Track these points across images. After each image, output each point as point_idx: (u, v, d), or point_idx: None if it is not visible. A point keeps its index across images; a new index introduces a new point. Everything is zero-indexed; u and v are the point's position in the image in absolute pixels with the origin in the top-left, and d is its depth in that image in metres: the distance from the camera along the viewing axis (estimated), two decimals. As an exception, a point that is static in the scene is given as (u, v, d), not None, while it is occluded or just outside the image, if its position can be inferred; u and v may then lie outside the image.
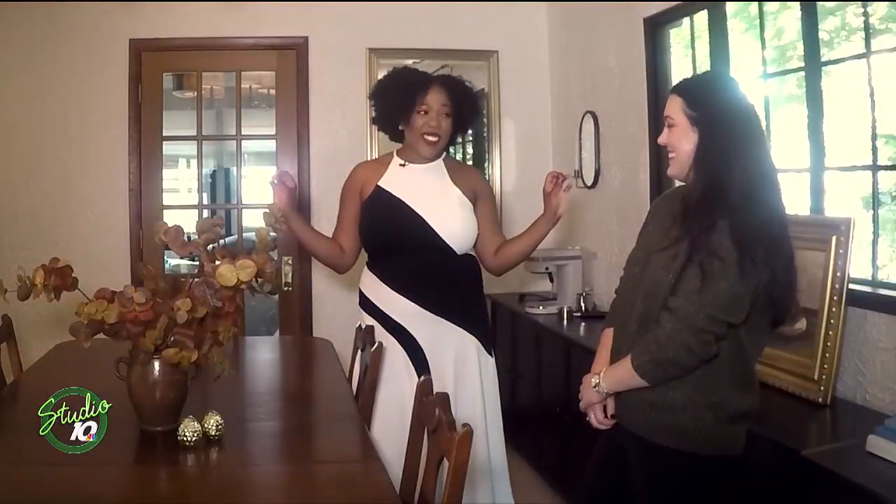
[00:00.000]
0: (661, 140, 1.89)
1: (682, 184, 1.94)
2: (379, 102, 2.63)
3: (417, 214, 2.53)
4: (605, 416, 1.93)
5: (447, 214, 2.55)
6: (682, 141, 1.82)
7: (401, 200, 2.55)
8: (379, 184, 2.59)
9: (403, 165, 2.61)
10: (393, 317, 2.55)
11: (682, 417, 1.76)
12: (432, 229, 2.52)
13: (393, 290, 2.54)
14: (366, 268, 2.66)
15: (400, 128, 2.62)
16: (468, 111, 2.62)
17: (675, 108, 1.83)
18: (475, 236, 2.61)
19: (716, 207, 1.71)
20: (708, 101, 1.80)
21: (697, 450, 1.76)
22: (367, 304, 2.62)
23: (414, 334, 2.53)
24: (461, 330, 2.56)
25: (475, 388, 2.57)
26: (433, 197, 2.56)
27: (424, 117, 2.54)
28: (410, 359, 2.52)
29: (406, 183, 2.58)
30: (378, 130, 2.75)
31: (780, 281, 1.76)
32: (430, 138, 2.55)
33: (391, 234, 2.56)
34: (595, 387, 1.90)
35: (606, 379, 1.88)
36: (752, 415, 1.82)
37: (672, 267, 1.76)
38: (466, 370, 2.56)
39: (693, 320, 1.69)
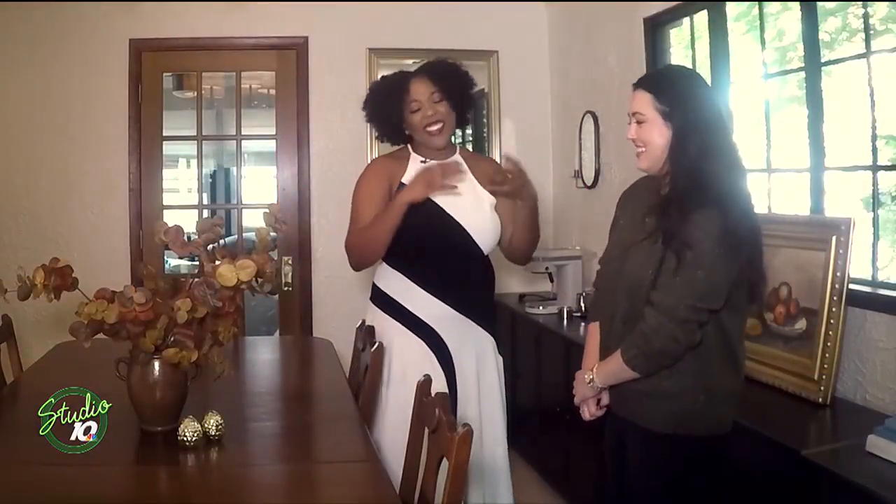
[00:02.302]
0: (630, 135, 1.91)
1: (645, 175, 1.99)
2: (374, 119, 2.59)
3: (452, 218, 2.48)
4: (597, 408, 2.03)
5: (478, 216, 2.52)
6: (655, 135, 1.85)
7: (433, 202, 2.46)
8: (404, 182, 2.52)
9: (425, 162, 2.55)
10: (421, 317, 2.49)
11: (678, 403, 1.83)
12: (467, 232, 2.49)
13: (426, 291, 2.48)
14: (387, 266, 2.56)
15: (406, 132, 2.57)
16: (459, 91, 2.54)
17: (643, 103, 1.86)
18: (499, 235, 2.59)
19: (692, 199, 1.76)
20: (681, 96, 1.84)
21: (693, 432, 1.83)
22: (387, 302, 2.55)
23: (441, 334, 2.49)
24: (482, 330, 2.56)
25: (494, 386, 2.58)
26: (464, 198, 2.51)
27: (419, 113, 2.50)
28: (437, 359, 2.49)
29: None
30: (390, 143, 2.68)
31: (756, 267, 1.84)
32: (433, 128, 2.50)
33: (427, 239, 2.48)
34: (589, 382, 1.98)
35: (599, 374, 1.95)
36: (738, 391, 1.90)
37: (651, 262, 1.82)
38: (486, 369, 2.57)
39: (675, 312, 1.75)
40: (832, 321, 2.24)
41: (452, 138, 2.70)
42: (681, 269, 1.75)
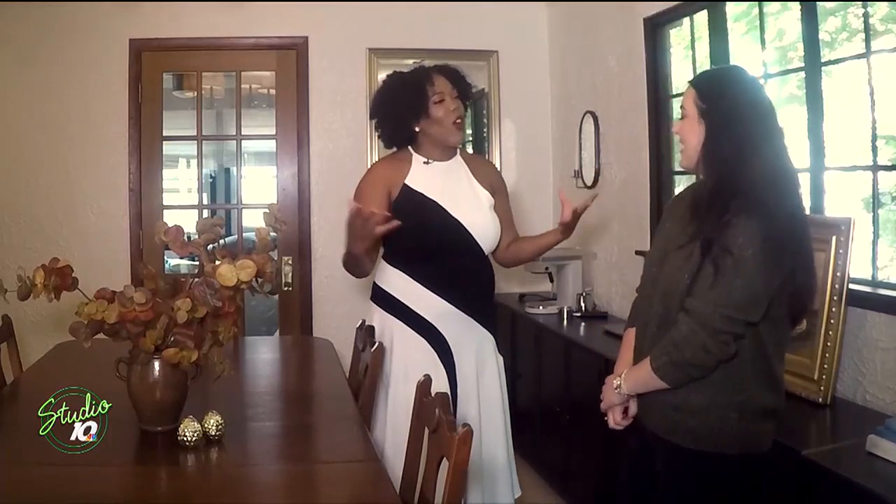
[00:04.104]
0: (674, 129, 1.90)
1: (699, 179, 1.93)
2: (387, 113, 2.57)
3: (453, 217, 2.50)
4: (624, 417, 1.93)
5: (479, 217, 2.55)
6: (690, 133, 1.82)
7: (435, 202, 2.50)
8: (406, 183, 2.53)
9: (427, 163, 2.56)
10: (422, 314, 2.50)
11: (706, 419, 1.74)
12: (468, 232, 2.50)
13: (427, 288, 2.49)
14: (388, 265, 2.57)
15: (416, 129, 2.54)
16: (467, 94, 2.61)
17: (689, 99, 1.84)
18: (500, 235, 2.62)
19: (729, 204, 1.69)
20: (718, 95, 1.80)
21: (725, 450, 1.74)
22: (388, 301, 2.55)
23: (443, 332, 2.50)
24: (482, 328, 2.57)
25: (494, 385, 2.59)
26: (464, 198, 2.55)
27: (443, 105, 2.51)
28: (439, 356, 2.49)
29: (435, 183, 2.54)
30: (388, 146, 2.66)
31: (800, 280, 1.75)
32: (459, 121, 2.54)
33: (428, 237, 2.50)
34: (616, 388, 1.89)
35: (627, 381, 1.87)
36: (779, 411, 1.80)
37: (687, 266, 1.74)
38: (486, 367, 2.58)
39: (709, 321, 1.68)
40: (832, 321, 2.24)
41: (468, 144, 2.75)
42: (719, 276, 1.67)
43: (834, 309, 2.24)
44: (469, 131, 4.62)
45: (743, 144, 1.73)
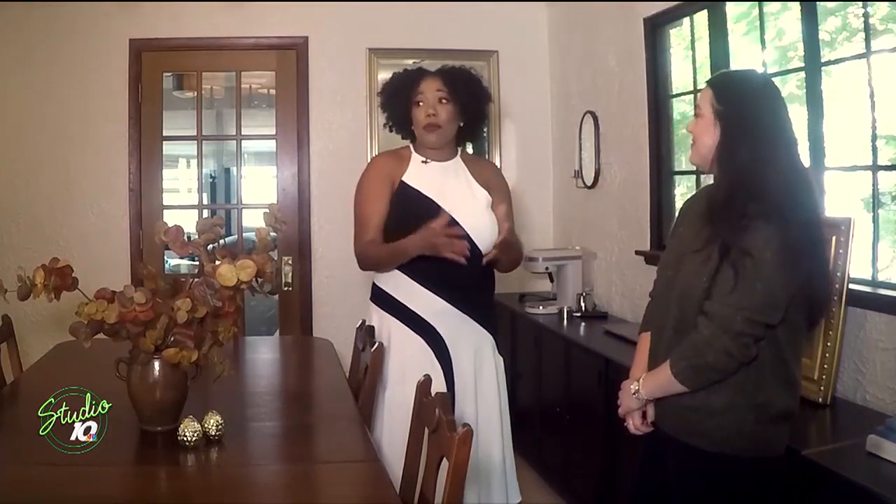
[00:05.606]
0: (688, 128, 1.89)
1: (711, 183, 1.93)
2: (386, 109, 2.63)
3: (449, 216, 2.49)
4: (643, 422, 1.92)
5: (476, 216, 2.54)
6: (705, 133, 1.82)
7: (431, 200, 2.51)
8: (403, 179, 2.55)
9: (426, 163, 2.58)
10: (420, 313, 2.51)
11: (724, 421, 1.74)
12: (464, 231, 2.49)
13: (424, 287, 2.49)
14: None
15: (412, 127, 2.60)
16: (466, 95, 2.56)
17: (705, 99, 1.83)
18: (497, 235, 2.59)
19: (745, 208, 1.69)
20: (735, 98, 1.79)
21: (740, 452, 1.74)
22: (386, 300, 2.57)
23: (439, 331, 2.51)
24: (480, 328, 2.57)
25: (492, 385, 2.58)
26: (461, 197, 2.55)
27: (421, 108, 2.53)
28: (436, 355, 2.50)
29: (432, 181, 2.55)
30: (398, 134, 2.70)
31: (816, 283, 1.76)
32: (429, 126, 2.53)
33: None
34: (634, 393, 1.88)
35: (645, 385, 1.86)
36: (794, 414, 1.80)
37: (705, 270, 1.74)
38: (483, 367, 2.57)
39: (730, 324, 1.67)
40: (832, 321, 2.24)
41: (468, 145, 2.74)
42: (738, 279, 1.67)
43: (834, 309, 2.24)
44: (483, 121, 4.60)
45: (759, 148, 1.73)
